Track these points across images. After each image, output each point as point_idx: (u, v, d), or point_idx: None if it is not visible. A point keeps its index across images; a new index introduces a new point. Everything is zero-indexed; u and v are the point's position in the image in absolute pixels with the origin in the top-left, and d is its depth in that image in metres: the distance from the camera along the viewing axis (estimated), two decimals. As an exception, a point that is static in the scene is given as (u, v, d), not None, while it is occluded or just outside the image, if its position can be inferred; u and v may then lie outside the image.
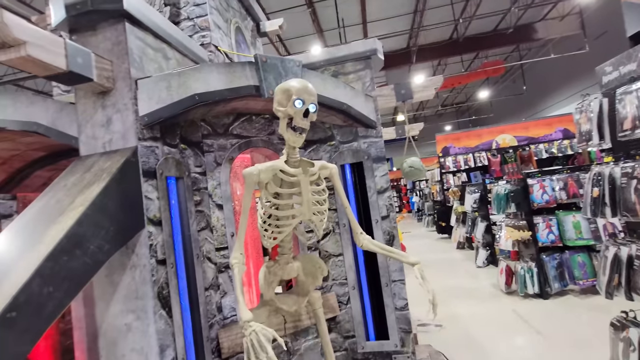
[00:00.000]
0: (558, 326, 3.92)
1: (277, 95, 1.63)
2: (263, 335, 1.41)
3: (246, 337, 1.42)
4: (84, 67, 1.38)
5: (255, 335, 1.41)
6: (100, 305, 1.52)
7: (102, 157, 1.51)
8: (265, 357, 1.38)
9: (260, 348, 1.39)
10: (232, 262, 1.59)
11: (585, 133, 3.30)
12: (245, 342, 1.42)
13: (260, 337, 1.40)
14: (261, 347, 1.39)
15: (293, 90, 1.57)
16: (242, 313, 1.47)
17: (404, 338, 2.35)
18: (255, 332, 1.41)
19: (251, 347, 1.40)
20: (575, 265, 4.80)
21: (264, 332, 1.42)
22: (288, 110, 1.57)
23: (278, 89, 1.63)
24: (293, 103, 1.55)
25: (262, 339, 1.40)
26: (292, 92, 1.56)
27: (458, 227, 8.88)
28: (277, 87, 1.64)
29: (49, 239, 1.10)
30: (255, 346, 1.39)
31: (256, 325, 1.45)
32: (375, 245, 1.85)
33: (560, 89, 14.26)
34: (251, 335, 1.41)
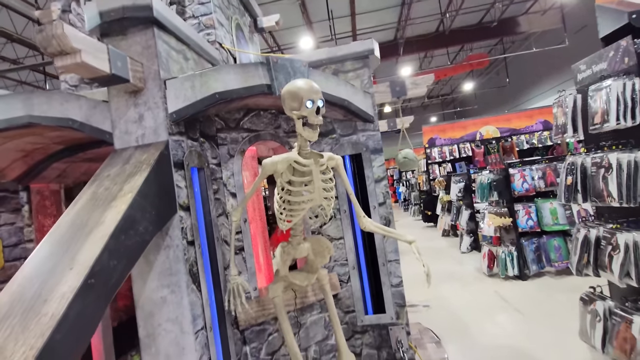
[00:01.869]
0: (535, 304, 4.29)
1: (286, 100, 1.82)
2: (241, 286, 1.91)
3: (230, 285, 1.90)
4: (122, 70, 1.55)
5: (236, 286, 1.90)
6: (137, 282, 1.72)
7: (137, 150, 1.69)
8: (239, 301, 1.88)
9: (237, 294, 1.89)
10: (232, 218, 1.93)
11: (561, 126, 3.61)
12: (228, 287, 1.90)
13: (239, 287, 1.91)
14: (238, 294, 1.89)
15: (302, 93, 1.76)
16: (231, 269, 1.93)
17: (399, 311, 2.62)
18: (237, 284, 1.91)
19: (232, 292, 1.89)
20: (551, 249, 5.19)
21: (243, 285, 1.93)
22: (302, 112, 1.78)
23: (287, 94, 1.82)
24: (305, 105, 1.76)
25: (240, 289, 1.90)
26: (302, 95, 1.76)
27: (443, 216, 9.26)
28: (284, 92, 1.83)
29: (109, 221, 1.29)
30: (234, 292, 1.89)
31: (239, 279, 1.93)
32: (376, 226, 2.10)
33: (541, 81, 14.77)
34: (234, 285, 1.90)
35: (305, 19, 10.79)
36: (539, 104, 13.13)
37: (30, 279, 1.15)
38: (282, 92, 1.85)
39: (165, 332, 1.70)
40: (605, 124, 2.93)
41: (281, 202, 1.92)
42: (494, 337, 3.62)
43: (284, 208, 1.92)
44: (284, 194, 1.91)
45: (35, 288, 1.11)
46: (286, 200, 1.92)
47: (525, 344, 3.39)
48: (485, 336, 3.66)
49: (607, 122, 2.91)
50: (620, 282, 2.76)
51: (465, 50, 15.84)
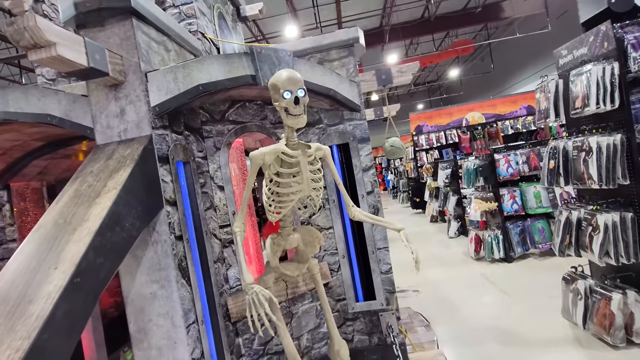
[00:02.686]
0: (520, 285, 4.43)
1: (270, 91, 1.84)
2: (262, 295, 1.72)
3: (248, 295, 1.73)
4: (100, 63, 1.50)
5: (256, 295, 1.72)
6: (126, 277, 1.70)
7: (119, 145, 1.66)
8: (262, 311, 1.69)
9: (259, 304, 1.70)
10: (235, 229, 1.86)
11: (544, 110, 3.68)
12: (247, 299, 1.73)
13: (260, 296, 1.72)
14: (260, 304, 1.71)
15: (279, 84, 1.77)
16: (245, 276, 1.77)
17: (389, 297, 2.67)
18: (256, 293, 1.73)
19: (252, 303, 1.71)
20: (535, 231, 5.33)
21: (262, 293, 1.74)
22: (281, 104, 1.78)
23: (270, 85, 1.83)
24: (282, 96, 1.76)
25: (261, 298, 1.71)
26: (279, 87, 1.77)
27: (431, 202, 9.40)
28: (269, 84, 1.83)
29: (93, 218, 1.27)
30: (255, 303, 1.71)
31: (257, 287, 1.76)
32: (365, 215, 2.12)
33: (525, 67, 14.93)
34: (252, 295, 1.73)
35: (290, 7, 10.61)
36: (523, 90, 13.31)
37: (14, 279, 1.13)
38: (268, 85, 1.84)
39: (156, 327, 1.70)
40: (586, 108, 2.99)
41: (269, 194, 1.92)
42: (481, 317, 3.73)
43: (272, 200, 1.92)
44: (272, 185, 1.91)
45: (20, 288, 1.09)
46: (274, 192, 1.92)
47: (510, 323, 3.51)
48: (473, 317, 3.77)
49: (588, 106, 2.97)
50: (600, 261, 2.86)
51: (450, 37, 15.86)
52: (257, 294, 1.72)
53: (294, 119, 1.80)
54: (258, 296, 1.72)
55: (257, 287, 1.75)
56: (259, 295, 1.72)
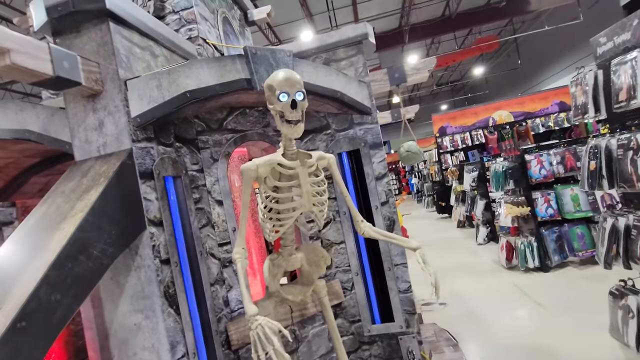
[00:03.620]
0: (558, 297, 4.00)
1: (265, 93, 1.62)
2: (269, 328, 1.44)
3: (252, 330, 1.46)
4: (70, 71, 1.36)
5: (262, 329, 1.44)
6: (108, 306, 1.54)
7: (97, 161, 1.51)
8: (271, 349, 1.41)
9: (267, 340, 1.42)
10: (234, 257, 1.61)
11: (581, 106, 3.30)
12: (252, 335, 1.46)
13: (266, 329, 1.44)
14: (267, 340, 1.42)
15: (275, 84, 1.55)
16: (247, 308, 1.51)
17: (409, 319, 2.40)
18: (261, 326, 1.45)
19: (258, 340, 1.43)
20: (574, 238, 4.86)
21: (269, 325, 1.46)
22: (276, 107, 1.56)
23: (265, 87, 1.62)
24: (278, 98, 1.54)
25: (268, 332, 1.43)
26: (275, 87, 1.55)
27: (458, 206, 8.94)
28: (264, 86, 1.62)
29: (53, 246, 1.11)
30: (262, 339, 1.43)
31: (262, 318, 1.48)
32: (376, 232, 1.86)
33: (555, 61, 14.13)
34: (257, 329, 1.45)
35: (305, 12, 10.51)
36: (554, 85, 12.54)
37: (-43, 323, 0.97)
38: (264, 86, 1.64)
39: (142, 362, 1.52)
40: (632, 101, 2.62)
41: (265, 211, 1.71)
42: (515, 334, 3.36)
43: (269, 218, 1.71)
44: (268, 201, 1.70)
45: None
46: (271, 208, 1.71)
47: (550, 341, 3.12)
48: (506, 334, 3.40)
49: (634, 98, 2.60)
50: (657, 277, 2.47)
51: (473, 34, 15.26)
52: (263, 327, 1.45)
53: (289, 126, 1.58)
54: (264, 330, 1.44)
55: (262, 319, 1.47)
56: (265, 328, 1.44)
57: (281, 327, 1.48)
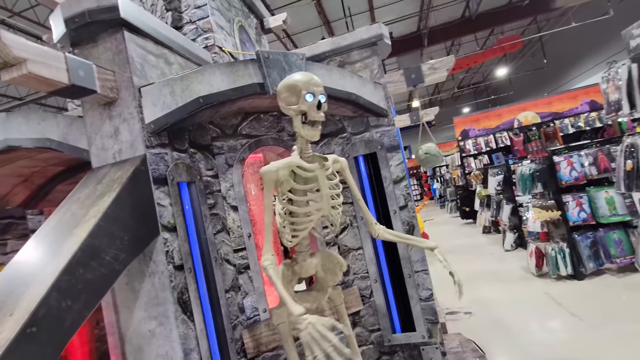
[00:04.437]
0: (595, 306, 3.74)
1: (282, 94, 1.58)
2: (322, 325, 1.34)
3: (303, 331, 1.34)
4: (86, 80, 1.38)
5: (313, 327, 1.33)
6: (123, 312, 1.55)
7: (112, 167, 1.52)
8: (329, 346, 1.28)
9: (322, 338, 1.29)
10: (264, 265, 1.52)
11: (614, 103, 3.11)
12: (303, 336, 1.34)
13: (319, 327, 1.33)
14: (323, 338, 1.30)
15: (300, 84, 1.53)
16: (292, 308, 1.41)
17: (431, 329, 2.29)
18: (312, 324, 1.34)
19: (312, 340, 1.31)
20: (610, 243, 4.56)
21: (321, 322, 1.34)
22: (301, 107, 1.53)
23: (283, 87, 1.58)
24: (304, 98, 1.52)
25: (321, 329, 1.32)
26: (301, 87, 1.52)
27: (483, 211, 8.64)
28: (281, 85, 1.59)
29: (65, 252, 1.12)
30: (317, 338, 1.30)
31: (311, 317, 1.37)
32: (391, 234, 1.82)
33: (584, 58, 13.55)
34: (308, 328, 1.33)
35: (322, 19, 10.58)
36: (583, 83, 12.01)
37: (-28, 328, 0.99)
38: (278, 87, 1.60)
39: (156, 369, 1.51)
40: (672, 95, 2.44)
41: (284, 216, 1.68)
42: (548, 346, 3.16)
43: (287, 221, 1.68)
44: (286, 204, 1.67)
45: (-26, 339, 0.95)
46: (289, 212, 1.68)
47: (587, 354, 2.91)
48: (537, 346, 3.20)
49: (674, 92, 2.43)
50: None
51: (495, 34, 14.89)
52: (315, 325, 1.32)
53: (311, 129, 1.56)
54: (317, 327, 1.31)
55: (311, 318, 1.35)
56: (317, 326, 1.31)
57: (334, 322, 1.37)
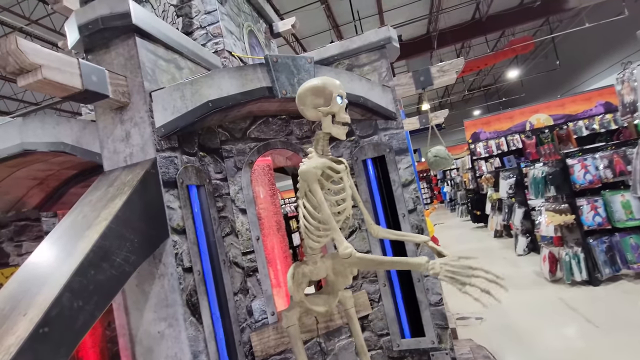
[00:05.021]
0: (611, 313, 3.64)
1: (308, 97, 1.60)
2: (453, 262, 1.41)
3: (440, 274, 1.42)
4: (99, 85, 1.41)
5: (448, 266, 1.41)
6: (134, 314, 1.56)
7: (124, 170, 1.55)
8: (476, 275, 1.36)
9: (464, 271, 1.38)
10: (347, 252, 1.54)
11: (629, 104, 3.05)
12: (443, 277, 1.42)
13: (452, 264, 1.41)
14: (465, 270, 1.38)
15: (332, 88, 1.59)
16: (415, 261, 1.49)
17: (441, 334, 2.26)
18: (445, 264, 1.43)
19: (455, 276, 1.39)
20: (627, 248, 4.44)
21: (450, 262, 1.42)
22: (333, 109, 1.59)
23: (308, 91, 1.60)
24: (335, 100, 1.59)
25: (457, 264, 1.40)
26: (331, 90, 1.59)
27: (494, 215, 8.52)
28: (306, 89, 1.60)
29: (77, 254, 1.14)
30: (457, 272, 1.39)
31: (437, 260, 1.46)
32: (388, 232, 1.88)
33: (598, 60, 13.30)
34: (443, 270, 1.42)
35: (331, 23, 10.62)
36: (597, 85, 11.78)
37: (-13, 327, 1.01)
38: (302, 91, 1.61)
39: (165, 371, 1.52)
40: (690, 96, 2.38)
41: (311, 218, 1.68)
42: (563, 354, 3.08)
43: (315, 223, 1.68)
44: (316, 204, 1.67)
45: (-11, 338, 0.97)
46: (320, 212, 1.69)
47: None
48: (552, 354, 3.12)
49: (692, 93, 2.36)
50: None
51: (506, 36, 14.74)
52: (447, 264, 1.42)
53: (341, 127, 1.63)
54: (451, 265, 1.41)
55: (439, 260, 1.45)
56: (449, 265, 1.42)
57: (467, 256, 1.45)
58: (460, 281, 1.37)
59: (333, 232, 1.58)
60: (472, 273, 1.37)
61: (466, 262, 1.41)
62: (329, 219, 1.58)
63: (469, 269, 1.38)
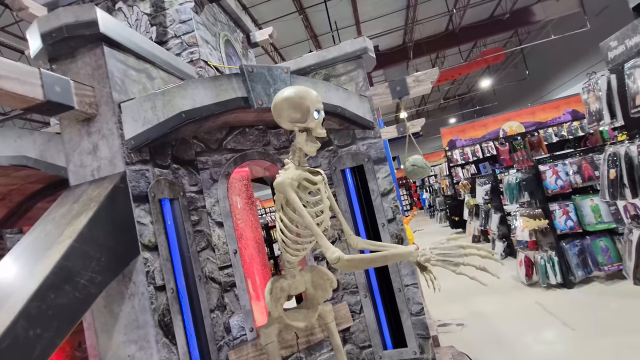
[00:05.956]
0: (587, 316, 3.74)
1: (284, 110, 1.53)
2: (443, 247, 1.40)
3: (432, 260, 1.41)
4: (63, 96, 1.34)
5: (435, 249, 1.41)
6: (102, 337, 1.47)
7: (90, 185, 1.47)
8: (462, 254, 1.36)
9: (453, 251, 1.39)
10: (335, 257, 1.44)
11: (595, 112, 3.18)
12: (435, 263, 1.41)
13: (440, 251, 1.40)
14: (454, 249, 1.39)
15: (308, 102, 1.52)
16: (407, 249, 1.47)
17: (423, 344, 2.25)
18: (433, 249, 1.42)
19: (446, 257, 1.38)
20: (597, 251, 4.61)
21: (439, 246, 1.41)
22: (309, 125, 1.54)
23: (285, 103, 1.52)
24: (312, 115, 1.53)
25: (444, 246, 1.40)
26: (308, 105, 1.52)
27: (472, 221, 8.69)
28: (282, 100, 1.53)
29: (36, 276, 1.06)
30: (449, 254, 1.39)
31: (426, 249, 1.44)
32: (367, 243, 1.82)
33: (564, 69, 13.98)
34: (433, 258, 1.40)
35: (310, 33, 10.71)
36: (565, 94, 12.35)
37: None
38: (278, 101, 1.54)
39: (137, 397, 1.43)
40: (650, 105, 2.51)
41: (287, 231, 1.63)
42: (542, 358, 3.13)
43: (293, 236, 1.64)
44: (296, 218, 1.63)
45: None
46: (298, 226, 1.65)
47: (580, 368, 2.89)
48: (532, 357, 3.17)
49: (652, 102, 2.49)
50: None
51: (478, 47, 15.29)
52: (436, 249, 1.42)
53: (314, 144, 1.58)
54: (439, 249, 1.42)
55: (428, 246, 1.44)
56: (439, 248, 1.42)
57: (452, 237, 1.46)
58: (454, 262, 1.37)
59: (318, 238, 1.51)
60: (463, 252, 1.37)
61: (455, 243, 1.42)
62: (311, 226, 1.51)
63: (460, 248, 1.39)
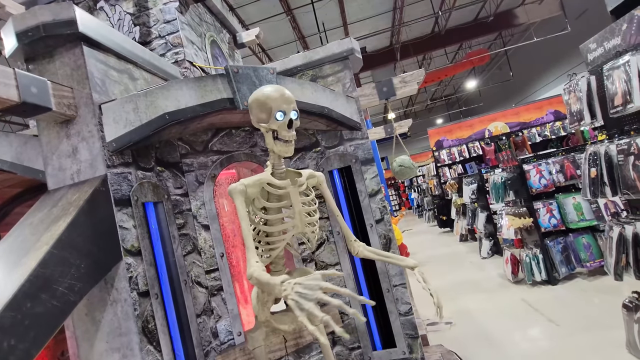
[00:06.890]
0: (570, 312, 3.82)
1: (253, 109, 1.51)
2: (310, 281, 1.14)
3: (290, 295, 1.15)
4: (39, 97, 1.30)
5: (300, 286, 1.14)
6: (83, 345, 1.43)
7: (70, 189, 1.43)
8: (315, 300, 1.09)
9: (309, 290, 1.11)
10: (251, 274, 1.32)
11: (576, 113, 3.25)
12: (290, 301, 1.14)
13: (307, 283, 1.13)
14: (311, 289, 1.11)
15: (271, 102, 1.46)
16: (273, 281, 1.24)
17: (412, 344, 2.26)
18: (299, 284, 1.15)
19: (299, 298, 1.11)
20: (580, 248, 4.72)
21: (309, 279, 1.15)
22: (271, 126, 1.48)
23: (253, 103, 1.50)
24: (274, 117, 1.46)
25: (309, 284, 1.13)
26: (271, 105, 1.46)
27: (459, 220, 8.80)
28: (252, 99, 1.51)
29: (10, 285, 1.01)
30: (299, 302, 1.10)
31: (292, 280, 1.18)
32: (371, 251, 1.75)
33: (547, 71, 14.30)
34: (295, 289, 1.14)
35: (297, 34, 10.70)
36: (547, 94, 12.64)
37: None
38: (250, 100, 1.52)
39: (120, 406, 1.39)
40: (629, 105, 2.56)
41: (255, 235, 1.61)
42: (528, 354, 3.18)
43: (259, 241, 1.61)
44: (258, 224, 1.60)
45: None
46: (261, 231, 1.61)
47: None
48: (519, 356, 3.22)
49: (630, 102, 2.55)
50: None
51: (464, 49, 15.53)
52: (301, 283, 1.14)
53: (283, 145, 1.50)
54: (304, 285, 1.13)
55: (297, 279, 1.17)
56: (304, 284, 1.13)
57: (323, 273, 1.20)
58: (300, 306, 1.11)
59: (247, 251, 1.42)
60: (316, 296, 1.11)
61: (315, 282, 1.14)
62: (246, 238, 1.43)
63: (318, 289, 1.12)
